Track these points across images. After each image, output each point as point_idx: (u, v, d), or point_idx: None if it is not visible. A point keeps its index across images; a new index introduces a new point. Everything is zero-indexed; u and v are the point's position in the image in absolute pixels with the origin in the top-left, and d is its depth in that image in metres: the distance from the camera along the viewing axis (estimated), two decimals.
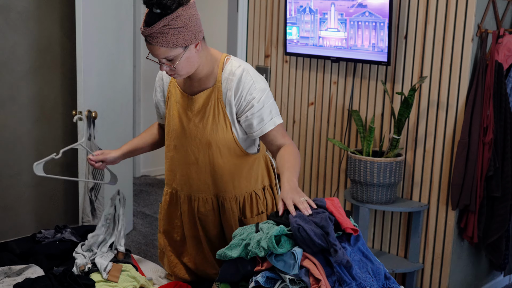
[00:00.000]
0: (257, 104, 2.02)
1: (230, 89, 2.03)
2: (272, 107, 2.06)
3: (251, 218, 2.17)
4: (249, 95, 2.02)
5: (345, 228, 1.79)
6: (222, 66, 2.05)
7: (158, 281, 2.27)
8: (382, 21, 3.36)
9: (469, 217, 3.33)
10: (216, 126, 2.06)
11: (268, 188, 2.24)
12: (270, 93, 2.07)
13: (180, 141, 2.14)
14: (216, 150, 2.09)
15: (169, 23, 1.84)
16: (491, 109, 3.19)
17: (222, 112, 2.05)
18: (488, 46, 3.26)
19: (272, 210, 2.23)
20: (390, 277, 1.83)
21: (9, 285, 2.10)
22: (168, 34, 1.85)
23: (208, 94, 2.06)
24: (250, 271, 1.82)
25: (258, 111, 2.03)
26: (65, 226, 2.57)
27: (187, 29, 1.88)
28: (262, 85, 2.05)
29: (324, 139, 3.88)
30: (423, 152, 3.45)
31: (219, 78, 2.04)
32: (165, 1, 1.82)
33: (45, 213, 3.83)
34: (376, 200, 3.35)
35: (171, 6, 1.83)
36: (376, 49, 3.43)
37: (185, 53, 1.92)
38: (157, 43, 1.87)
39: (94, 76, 3.56)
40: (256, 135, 2.07)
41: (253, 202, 2.18)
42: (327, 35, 3.64)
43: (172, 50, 1.89)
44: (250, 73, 2.04)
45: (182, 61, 1.93)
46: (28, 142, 3.69)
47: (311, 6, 3.66)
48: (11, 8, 3.50)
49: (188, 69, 1.97)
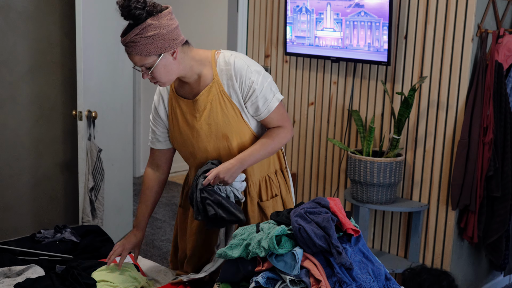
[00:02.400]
0: (258, 86, 2.09)
1: (230, 78, 2.09)
2: (271, 85, 2.15)
3: (267, 201, 2.24)
4: (248, 80, 2.09)
5: (346, 229, 1.79)
6: (215, 61, 2.11)
7: (164, 279, 2.27)
8: (378, 21, 3.38)
9: (469, 217, 3.33)
10: (227, 117, 2.11)
11: (279, 171, 2.32)
12: (266, 73, 2.15)
13: (197, 145, 2.17)
14: (234, 140, 2.14)
15: (140, 33, 1.94)
16: (491, 109, 3.20)
17: (228, 102, 2.11)
18: (488, 46, 3.26)
19: (286, 193, 2.32)
20: (390, 278, 1.83)
21: (9, 285, 2.10)
22: (140, 43, 1.95)
23: (209, 90, 2.11)
24: (251, 271, 1.82)
25: (261, 93, 2.10)
26: (65, 226, 2.56)
27: (158, 38, 1.96)
28: (256, 67, 2.12)
29: (324, 139, 3.88)
30: (423, 152, 3.45)
31: (215, 73, 2.10)
32: (133, 11, 1.93)
33: (45, 213, 3.83)
34: (376, 200, 3.35)
35: (140, 16, 1.94)
36: (371, 48, 3.45)
37: (160, 61, 2.00)
38: (132, 52, 1.98)
39: (94, 76, 3.56)
40: (263, 116, 2.14)
41: (267, 185, 2.26)
42: (323, 34, 3.66)
43: (146, 58, 1.99)
44: (242, 58, 2.12)
45: (159, 69, 2.01)
46: (28, 142, 3.69)
47: (307, 6, 3.68)
48: (11, 8, 3.50)
49: (168, 76, 2.05)
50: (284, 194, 2.31)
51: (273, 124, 2.17)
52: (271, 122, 2.16)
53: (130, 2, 1.92)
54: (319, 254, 1.76)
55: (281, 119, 2.17)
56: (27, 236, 2.56)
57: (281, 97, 2.16)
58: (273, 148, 2.16)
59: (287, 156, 4.10)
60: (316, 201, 1.88)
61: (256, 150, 2.12)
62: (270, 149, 2.15)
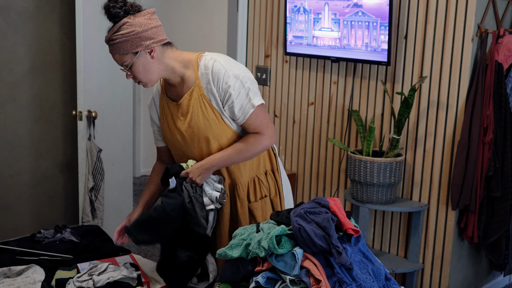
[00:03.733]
0: (234, 91, 2.07)
1: (209, 82, 2.09)
2: (249, 90, 2.10)
3: (256, 202, 2.24)
4: (225, 84, 2.07)
5: (346, 229, 1.79)
6: (197, 64, 2.11)
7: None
8: (375, 21, 3.38)
9: (469, 217, 3.33)
10: (208, 121, 2.11)
11: (270, 172, 2.30)
12: (246, 76, 2.10)
13: (184, 147, 2.19)
14: (215, 143, 2.14)
15: (117, 30, 2.00)
16: (491, 109, 3.20)
17: (208, 105, 2.10)
18: (488, 46, 3.26)
19: (275, 195, 2.30)
20: (390, 278, 1.83)
21: (9, 285, 2.10)
22: (117, 40, 2.01)
23: (191, 93, 2.12)
24: (251, 271, 1.82)
25: (237, 98, 2.08)
26: (65, 226, 2.56)
27: (133, 35, 1.99)
28: (235, 71, 2.09)
29: (324, 139, 3.88)
30: (423, 152, 3.45)
31: (196, 76, 2.10)
32: (112, 10, 1.99)
33: (45, 213, 3.83)
34: (376, 200, 3.35)
35: (118, 14, 1.99)
36: (369, 48, 3.45)
37: (138, 59, 2.03)
38: (111, 50, 2.05)
39: (94, 76, 3.56)
40: (240, 121, 2.13)
41: (256, 186, 2.25)
42: (320, 34, 3.66)
43: (124, 56, 2.03)
44: (221, 61, 2.09)
45: (137, 67, 2.04)
46: (28, 142, 3.69)
47: (305, 6, 3.69)
48: (11, 8, 3.50)
49: (148, 76, 2.07)
50: (273, 195, 2.29)
51: (251, 130, 2.15)
52: (249, 128, 2.15)
53: (110, 2, 2.00)
54: (319, 254, 1.76)
55: (259, 125, 2.14)
56: (27, 236, 2.56)
57: (259, 103, 2.12)
58: (247, 155, 2.14)
59: (287, 156, 4.10)
60: (316, 201, 1.88)
61: (228, 155, 2.12)
62: (244, 155, 2.14)
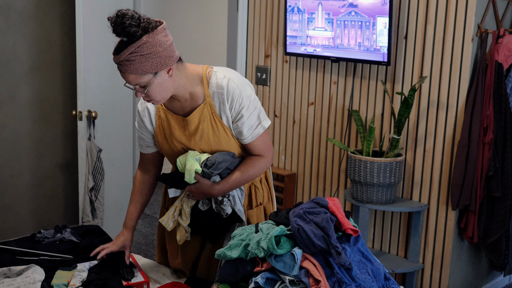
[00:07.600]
0: (246, 112, 2.06)
1: (223, 102, 2.05)
2: (259, 111, 2.11)
3: (252, 210, 2.25)
4: (238, 105, 2.05)
5: (345, 229, 1.79)
6: (207, 81, 2.07)
7: (164, 279, 2.27)
8: (367, 20, 3.40)
9: (469, 217, 3.33)
10: (218, 138, 2.09)
11: (263, 179, 2.33)
12: (256, 97, 2.11)
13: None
14: None
15: (135, 51, 1.86)
16: (491, 109, 3.19)
17: (220, 123, 2.08)
18: (488, 46, 3.26)
19: (268, 201, 2.33)
20: (390, 278, 1.83)
21: (9, 285, 2.10)
22: (135, 61, 1.87)
23: (201, 111, 2.07)
24: (250, 272, 1.82)
25: (248, 119, 2.07)
26: (65, 226, 2.56)
27: (154, 56, 1.88)
28: (248, 91, 2.08)
29: (324, 139, 3.88)
30: (423, 152, 3.45)
31: (207, 93, 2.06)
32: (128, 29, 1.84)
33: (45, 213, 3.83)
34: (376, 200, 3.35)
35: (135, 33, 1.85)
36: (362, 48, 3.47)
37: (156, 79, 1.92)
38: (126, 70, 1.90)
39: (94, 76, 3.56)
40: (247, 141, 2.12)
41: (252, 194, 2.27)
42: (314, 34, 3.67)
43: (141, 77, 1.90)
44: (235, 81, 2.06)
45: (154, 87, 1.94)
46: (28, 142, 3.69)
47: (299, 5, 3.71)
48: (11, 8, 3.50)
49: (163, 95, 1.98)
50: (266, 202, 2.31)
51: (255, 151, 2.15)
52: (253, 149, 2.14)
53: (124, 19, 1.84)
54: (318, 254, 1.76)
55: (263, 147, 2.15)
56: (27, 236, 2.56)
57: (267, 124, 2.12)
58: (251, 176, 2.15)
59: (287, 156, 4.10)
60: (315, 201, 1.88)
61: (236, 181, 2.12)
62: (248, 177, 2.15)
